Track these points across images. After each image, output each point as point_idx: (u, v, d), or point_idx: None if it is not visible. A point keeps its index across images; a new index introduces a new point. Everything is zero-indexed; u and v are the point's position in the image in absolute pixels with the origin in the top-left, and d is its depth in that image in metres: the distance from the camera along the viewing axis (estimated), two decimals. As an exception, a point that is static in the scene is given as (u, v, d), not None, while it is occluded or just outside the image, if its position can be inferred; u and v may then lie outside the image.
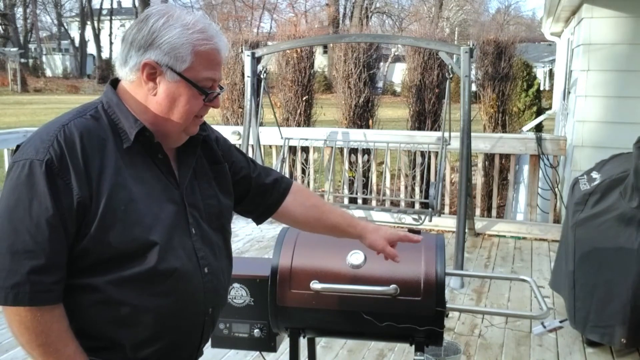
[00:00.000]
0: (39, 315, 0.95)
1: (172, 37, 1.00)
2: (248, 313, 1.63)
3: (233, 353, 2.62)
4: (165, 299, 1.04)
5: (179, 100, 1.03)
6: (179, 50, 1.00)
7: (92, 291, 1.00)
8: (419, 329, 1.52)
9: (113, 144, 1.01)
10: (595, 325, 2.63)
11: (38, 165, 0.94)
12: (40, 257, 0.94)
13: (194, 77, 1.03)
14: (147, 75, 1.02)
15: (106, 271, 1.00)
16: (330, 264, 1.54)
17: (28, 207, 0.94)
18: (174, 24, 1.01)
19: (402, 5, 29.99)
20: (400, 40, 5.96)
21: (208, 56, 1.03)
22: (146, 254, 1.01)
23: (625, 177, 2.63)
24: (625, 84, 4.10)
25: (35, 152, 0.95)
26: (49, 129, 0.99)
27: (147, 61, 1.01)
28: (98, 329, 1.02)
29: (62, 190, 0.95)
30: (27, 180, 0.94)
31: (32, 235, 0.94)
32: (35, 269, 0.94)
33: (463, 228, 3.76)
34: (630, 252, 2.51)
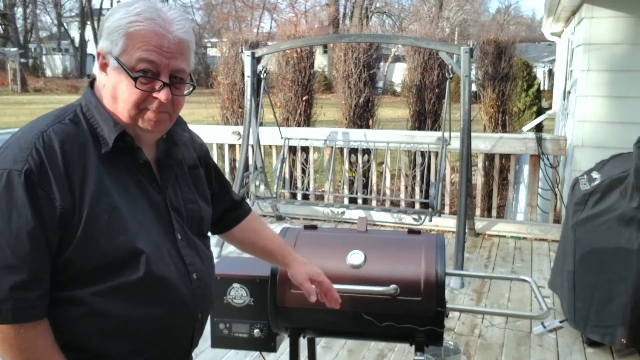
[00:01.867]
0: (22, 331, 0.91)
1: (111, 22, 0.97)
2: (248, 313, 1.63)
3: (233, 353, 2.62)
4: (155, 308, 1.02)
5: (118, 89, 0.97)
6: (113, 34, 0.96)
7: (77, 304, 0.96)
8: (419, 329, 1.52)
9: (94, 150, 0.97)
10: (596, 325, 2.63)
11: (17, 175, 0.89)
12: (22, 272, 0.90)
13: (127, 62, 0.96)
14: (100, 65, 0.99)
15: (91, 282, 0.96)
16: (330, 264, 1.54)
17: (7, 219, 0.89)
18: (118, 10, 0.97)
19: (402, 5, 30.01)
20: (400, 40, 5.95)
21: (141, 37, 0.95)
22: (133, 263, 0.98)
23: (625, 177, 2.63)
24: (626, 84, 4.10)
25: (13, 162, 0.90)
26: (27, 136, 0.94)
27: (98, 50, 0.99)
28: (85, 341, 0.98)
29: (42, 201, 0.90)
30: (5, 191, 0.89)
31: (12, 249, 0.89)
32: (18, 284, 0.90)
33: (463, 228, 3.76)
34: (631, 252, 2.51)
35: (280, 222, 5.08)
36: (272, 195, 4.74)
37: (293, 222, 5.07)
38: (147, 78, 0.96)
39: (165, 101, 0.98)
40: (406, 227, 4.33)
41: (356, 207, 4.65)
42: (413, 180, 5.03)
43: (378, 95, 6.36)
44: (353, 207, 4.66)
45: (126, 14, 0.96)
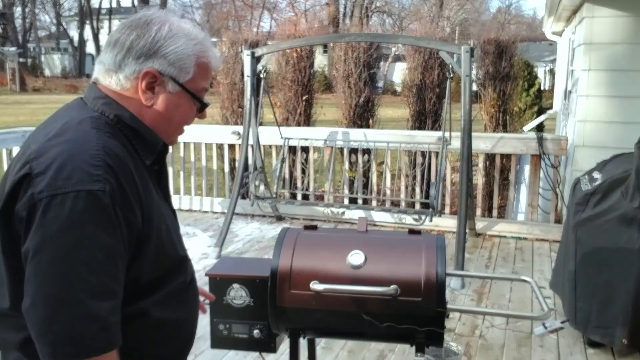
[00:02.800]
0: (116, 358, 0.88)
1: (178, 47, 0.97)
2: (248, 314, 1.63)
3: (233, 354, 2.61)
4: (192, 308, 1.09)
5: (177, 111, 1.01)
6: (184, 61, 0.98)
7: (140, 317, 0.95)
8: (419, 329, 1.51)
9: (138, 162, 0.97)
10: (597, 326, 2.62)
11: (100, 195, 0.85)
12: (116, 296, 0.88)
13: (193, 88, 1.01)
14: (147, 84, 0.97)
15: (150, 293, 0.96)
16: (331, 265, 1.54)
17: (97, 242, 0.84)
18: (178, 33, 0.98)
19: (402, 4, 30.02)
20: (400, 40, 5.95)
21: (207, 68, 1.02)
22: (181, 268, 1.03)
23: (626, 177, 2.62)
24: (627, 84, 4.09)
25: (88, 180, 0.85)
26: (84, 150, 0.88)
27: (150, 70, 0.96)
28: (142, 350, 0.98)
29: (122, 221, 0.88)
30: (87, 213, 0.84)
31: (108, 273, 0.86)
32: (113, 309, 0.87)
33: (464, 228, 3.75)
34: (632, 252, 2.50)
35: (280, 222, 5.08)
36: (272, 195, 4.73)
37: (293, 222, 5.06)
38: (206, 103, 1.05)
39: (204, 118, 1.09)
40: (406, 227, 4.32)
41: (356, 207, 4.65)
42: (413, 180, 5.02)
43: (378, 95, 6.35)
44: (353, 207, 4.65)
45: (193, 42, 0.99)
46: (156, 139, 1.01)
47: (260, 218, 5.18)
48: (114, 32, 1.00)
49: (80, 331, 0.83)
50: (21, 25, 33.45)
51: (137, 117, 0.99)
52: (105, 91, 0.99)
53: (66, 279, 0.83)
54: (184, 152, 5.49)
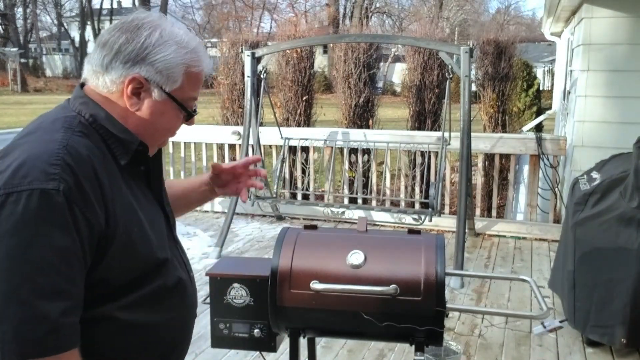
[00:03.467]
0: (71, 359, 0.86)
1: (167, 55, 0.95)
2: (248, 313, 1.63)
3: (233, 353, 2.62)
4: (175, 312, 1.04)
5: (162, 117, 1.00)
6: (172, 70, 0.96)
7: (106, 320, 0.93)
8: (419, 329, 1.52)
9: (112, 162, 0.95)
10: (595, 325, 2.63)
11: (53, 194, 0.83)
12: (70, 297, 0.85)
13: (180, 97, 0.99)
14: (132, 89, 0.96)
15: (117, 297, 0.93)
16: (330, 264, 1.54)
17: (48, 242, 0.82)
18: (168, 40, 0.95)
19: (402, 5, 30.02)
20: (400, 40, 5.96)
21: (197, 77, 1.01)
22: (160, 271, 0.99)
23: (625, 177, 2.63)
24: (625, 84, 4.10)
25: (44, 179, 0.83)
26: (46, 149, 0.87)
27: (136, 76, 0.95)
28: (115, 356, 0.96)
29: (81, 221, 0.85)
30: (40, 212, 0.82)
31: (59, 273, 0.83)
32: (67, 310, 0.84)
33: (463, 228, 3.76)
34: (630, 252, 2.51)
35: (280, 222, 5.09)
36: (272, 195, 4.74)
37: (293, 222, 5.07)
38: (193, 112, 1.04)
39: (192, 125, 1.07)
40: (406, 227, 4.33)
41: (356, 207, 4.65)
42: (413, 180, 5.03)
43: (378, 95, 6.35)
44: (353, 207, 4.66)
45: (184, 50, 0.97)
46: (131, 139, 0.97)
47: (261, 218, 5.19)
48: (105, 32, 0.98)
49: (27, 332, 0.81)
50: (22, 26, 33.44)
51: (114, 117, 0.97)
52: (88, 92, 0.98)
53: (14, 279, 0.81)
54: (185, 152, 5.50)
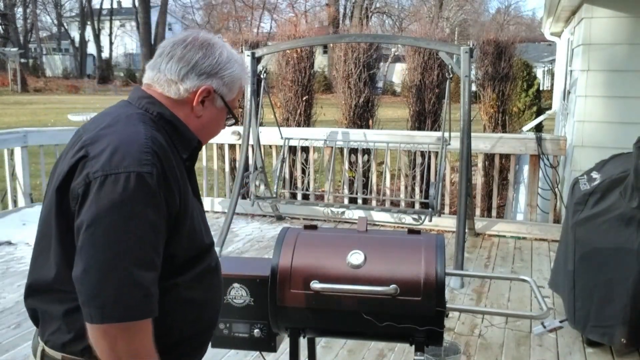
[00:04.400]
0: (149, 327, 0.98)
1: (234, 72, 1.14)
2: (248, 313, 1.63)
3: (233, 353, 2.62)
4: (216, 292, 1.19)
5: (217, 123, 1.17)
6: (234, 83, 1.15)
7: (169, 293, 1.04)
8: (419, 329, 1.52)
9: (175, 154, 1.08)
10: (595, 325, 2.63)
11: (148, 177, 0.96)
12: (156, 268, 0.98)
13: (231, 105, 1.17)
14: (202, 98, 1.11)
15: (180, 272, 1.07)
16: (330, 264, 1.54)
17: (144, 218, 0.95)
18: (232, 59, 1.14)
19: (402, 5, 30.01)
20: (400, 40, 5.96)
21: (242, 89, 1.20)
22: (210, 252, 1.14)
23: (625, 177, 2.63)
24: (625, 84, 4.10)
25: (139, 164, 0.96)
26: (136, 139, 1.00)
27: (208, 87, 1.11)
28: (172, 326, 1.07)
29: (164, 202, 0.99)
30: (137, 192, 0.95)
31: (153, 246, 0.97)
32: (154, 280, 0.97)
33: (463, 228, 3.76)
34: (630, 252, 2.51)
35: (280, 222, 5.09)
36: (272, 195, 4.74)
37: (293, 222, 5.07)
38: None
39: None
40: (406, 227, 4.33)
41: (356, 207, 4.65)
42: (413, 180, 5.03)
43: (378, 95, 6.35)
44: (353, 207, 4.66)
45: (242, 68, 1.18)
46: (192, 136, 1.13)
47: (261, 218, 5.19)
48: (177, 46, 1.11)
49: (127, 297, 0.93)
50: (22, 26, 33.42)
51: (175, 116, 1.11)
52: (153, 94, 1.12)
53: (117, 249, 0.93)
54: (184, 153, 5.49)
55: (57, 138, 5.18)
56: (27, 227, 4.41)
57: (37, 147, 5.13)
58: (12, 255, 4.09)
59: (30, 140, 4.96)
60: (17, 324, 2.96)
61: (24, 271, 3.77)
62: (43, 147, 5.14)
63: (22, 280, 3.60)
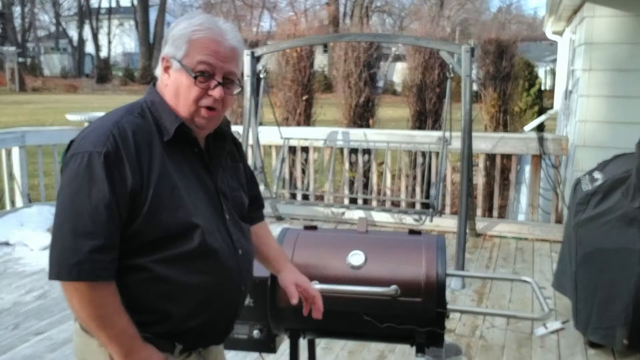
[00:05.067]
0: (97, 289, 1.06)
1: (176, 31, 1.16)
2: (248, 314, 1.62)
3: (233, 354, 2.60)
4: (207, 277, 1.17)
5: (180, 87, 1.15)
6: (178, 40, 1.15)
7: (141, 270, 1.11)
8: (419, 330, 1.51)
9: (158, 139, 1.14)
10: (597, 327, 2.62)
11: (97, 156, 1.06)
12: (99, 238, 1.06)
13: (189, 64, 1.14)
14: (164, 68, 1.17)
15: (153, 251, 1.11)
16: (331, 265, 1.53)
17: (88, 193, 1.05)
18: (183, 21, 1.16)
19: (402, 4, 30.02)
20: (400, 40, 5.94)
21: (201, 43, 1.14)
22: (189, 235, 1.14)
23: (627, 177, 2.61)
24: (628, 84, 4.08)
25: (93, 145, 1.07)
26: (104, 125, 1.11)
27: (163, 55, 1.17)
28: (149, 304, 1.13)
29: (117, 179, 1.07)
30: (87, 170, 1.06)
31: (92, 218, 1.05)
32: (95, 248, 1.05)
33: (464, 228, 3.74)
34: (633, 252, 2.50)
35: (280, 223, 5.07)
36: (272, 195, 4.73)
37: (293, 223, 5.06)
38: (204, 77, 1.14)
39: (219, 97, 1.16)
40: (407, 227, 4.32)
41: (356, 207, 4.64)
42: (414, 181, 5.01)
43: (378, 94, 6.34)
44: (353, 208, 4.65)
45: (189, 25, 1.15)
46: (174, 119, 1.16)
47: (268, 226, 5.16)
48: None
49: (62, 259, 1.06)
50: (20, 25, 33.41)
51: (165, 101, 1.17)
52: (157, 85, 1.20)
53: (61, 218, 1.07)
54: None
55: (55, 138, 5.16)
56: (24, 228, 4.39)
57: (35, 146, 5.11)
58: (10, 256, 4.07)
59: (28, 140, 4.94)
60: (15, 325, 2.94)
61: (22, 272, 3.75)
62: (41, 146, 5.12)
63: (20, 281, 3.58)
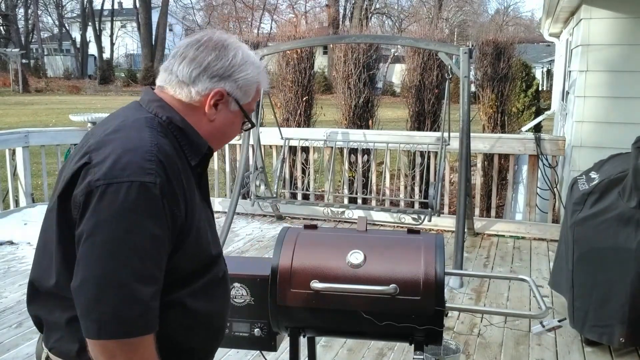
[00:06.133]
0: (150, 342, 0.93)
1: (248, 74, 1.08)
2: (248, 312, 1.64)
3: (233, 352, 2.63)
4: (224, 302, 1.15)
5: (230, 127, 1.12)
6: (250, 87, 1.10)
7: (174, 306, 1.01)
8: (418, 328, 1.53)
9: (184, 161, 1.04)
10: (594, 325, 2.64)
11: (151, 187, 0.92)
12: (157, 282, 0.94)
13: (248, 110, 1.12)
14: (214, 101, 1.07)
15: (185, 285, 1.03)
16: (330, 264, 1.55)
17: (145, 230, 0.91)
18: (248, 61, 1.09)
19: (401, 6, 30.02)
20: (399, 41, 5.97)
21: (259, 93, 1.14)
22: (216, 263, 1.10)
23: (623, 177, 2.64)
24: (624, 85, 4.11)
25: (142, 173, 0.92)
26: (142, 146, 0.96)
27: (220, 90, 1.06)
28: (175, 337, 1.03)
29: (169, 214, 0.94)
30: (142, 202, 0.91)
31: (152, 260, 0.92)
32: (155, 293, 0.93)
33: (462, 228, 3.77)
34: (629, 251, 2.52)
35: (280, 222, 5.10)
36: (273, 195, 4.76)
37: (293, 222, 5.09)
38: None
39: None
40: (406, 226, 4.34)
41: (356, 207, 4.66)
42: (412, 180, 5.04)
43: (378, 95, 6.35)
44: (353, 207, 4.67)
45: (258, 70, 1.11)
46: (201, 142, 1.07)
47: (261, 218, 5.20)
48: (190, 47, 1.07)
49: (125, 312, 0.89)
50: (24, 27, 33.40)
51: (188, 122, 1.06)
52: (164, 97, 1.08)
53: (115, 262, 0.89)
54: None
55: (58, 138, 5.20)
56: (28, 227, 4.42)
57: (38, 147, 5.15)
58: (14, 255, 4.10)
59: (32, 141, 4.98)
60: (18, 324, 2.97)
61: (26, 270, 3.78)
62: (44, 147, 5.15)
63: (23, 280, 3.61)
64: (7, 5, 31.22)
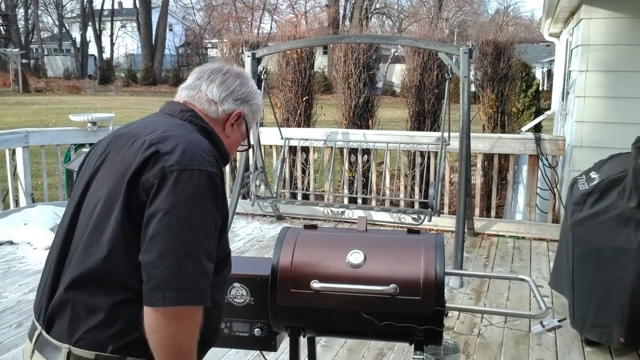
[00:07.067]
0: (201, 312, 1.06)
1: (258, 102, 1.32)
2: (248, 312, 1.65)
3: (233, 352, 2.63)
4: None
5: (236, 145, 1.32)
6: (257, 113, 1.33)
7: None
8: (418, 328, 1.53)
9: None
10: (594, 325, 2.64)
11: (215, 177, 1.09)
12: (214, 261, 1.08)
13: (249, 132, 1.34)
14: (235, 122, 1.27)
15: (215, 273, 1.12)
16: (330, 264, 1.56)
17: (211, 214, 1.06)
18: (257, 92, 1.33)
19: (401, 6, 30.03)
20: (399, 41, 5.97)
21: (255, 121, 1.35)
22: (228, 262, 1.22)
23: (623, 177, 2.64)
24: (624, 85, 4.11)
25: (208, 164, 1.08)
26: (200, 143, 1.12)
27: (240, 111, 1.27)
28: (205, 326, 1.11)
29: (223, 203, 1.12)
30: (212, 187, 1.07)
31: (215, 242, 1.08)
32: (213, 270, 1.07)
33: (462, 228, 3.77)
34: (629, 251, 2.53)
35: (280, 222, 5.10)
36: (273, 195, 4.76)
37: (293, 222, 5.09)
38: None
39: None
40: (406, 226, 4.34)
41: (356, 206, 4.67)
42: (412, 180, 5.04)
43: (378, 95, 6.36)
44: (353, 207, 4.67)
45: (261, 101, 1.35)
46: (227, 151, 1.26)
47: (261, 217, 5.20)
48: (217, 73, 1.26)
49: (200, 282, 1.02)
50: (24, 27, 33.39)
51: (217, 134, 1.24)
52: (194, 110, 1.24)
53: (192, 238, 1.03)
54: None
55: (58, 138, 5.20)
56: (28, 227, 4.42)
57: (38, 147, 5.15)
58: (14, 255, 4.10)
59: (32, 141, 4.98)
60: (18, 324, 2.97)
61: (26, 271, 3.78)
62: (44, 147, 5.15)
63: (23, 280, 3.61)
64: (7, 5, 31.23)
